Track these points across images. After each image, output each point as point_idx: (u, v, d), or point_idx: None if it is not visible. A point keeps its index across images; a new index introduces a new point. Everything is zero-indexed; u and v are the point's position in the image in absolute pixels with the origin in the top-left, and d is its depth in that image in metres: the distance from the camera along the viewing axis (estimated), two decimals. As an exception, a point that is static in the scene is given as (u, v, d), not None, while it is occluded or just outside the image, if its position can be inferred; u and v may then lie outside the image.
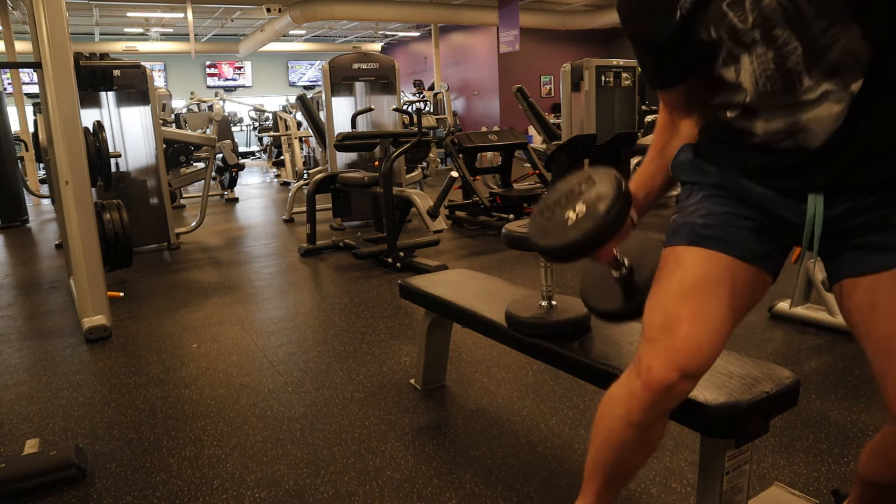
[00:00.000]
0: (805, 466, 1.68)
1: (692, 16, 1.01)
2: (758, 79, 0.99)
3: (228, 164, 7.38)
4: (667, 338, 1.04)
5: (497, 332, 1.71)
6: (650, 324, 1.09)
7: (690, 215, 1.12)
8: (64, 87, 2.81)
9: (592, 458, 1.19)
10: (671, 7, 1.01)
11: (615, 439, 1.13)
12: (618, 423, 1.11)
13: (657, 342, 1.05)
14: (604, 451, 1.16)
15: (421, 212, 4.08)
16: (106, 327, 2.94)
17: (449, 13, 12.12)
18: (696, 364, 1.02)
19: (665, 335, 1.04)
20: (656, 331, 1.06)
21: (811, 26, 0.92)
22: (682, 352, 1.02)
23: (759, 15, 0.94)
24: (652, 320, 1.09)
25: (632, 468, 1.19)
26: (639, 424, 1.08)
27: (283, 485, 1.71)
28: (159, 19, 12.97)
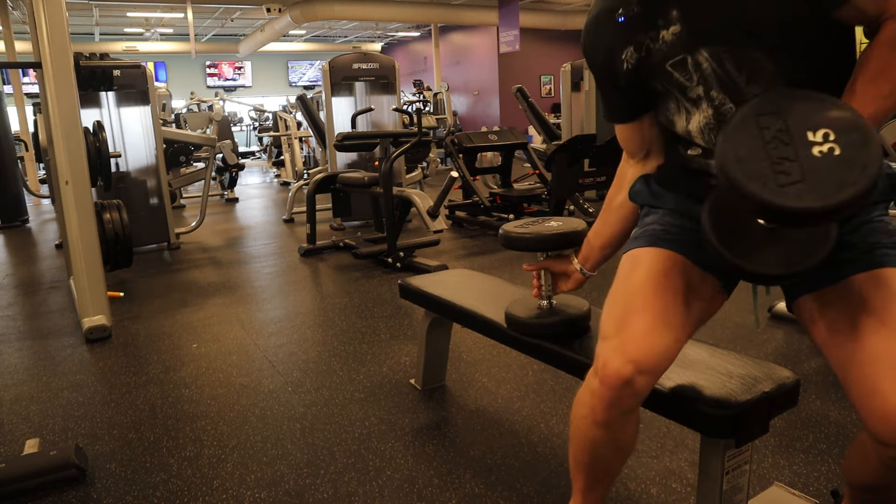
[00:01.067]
0: (805, 466, 1.68)
1: (638, 70, 1.10)
2: (702, 130, 1.08)
3: (228, 164, 7.38)
4: (620, 332, 1.06)
5: (497, 332, 1.71)
6: (605, 320, 1.12)
7: (650, 225, 1.20)
8: (64, 87, 2.81)
9: (572, 459, 1.22)
10: (619, 59, 1.11)
11: (586, 439, 1.14)
12: (585, 423, 1.12)
13: (611, 338, 1.07)
14: (579, 452, 1.18)
15: (421, 212, 4.08)
16: (106, 327, 2.94)
17: (449, 13, 12.12)
18: (649, 357, 1.03)
19: (619, 330, 1.07)
20: (611, 326, 1.09)
21: (743, 93, 1.01)
22: (635, 344, 1.04)
23: (700, 76, 1.04)
24: (607, 317, 1.12)
25: (611, 467, 1.20)
26: (604, 423, 1.09)
27: (283, 485, 1.71)
28: (159, 19, 12.97)
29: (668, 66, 1.05)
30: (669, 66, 1.05)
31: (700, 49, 1.02)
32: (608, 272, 1.25)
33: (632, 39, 1.08)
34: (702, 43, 1.01)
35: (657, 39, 1.05)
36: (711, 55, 1.01)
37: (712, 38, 1.00)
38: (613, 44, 1.11)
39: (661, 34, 1.04)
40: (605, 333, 1.10)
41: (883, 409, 0.92)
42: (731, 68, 1.01)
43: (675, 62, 1.05)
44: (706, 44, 1.01)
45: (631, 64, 1.10)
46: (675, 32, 1.02)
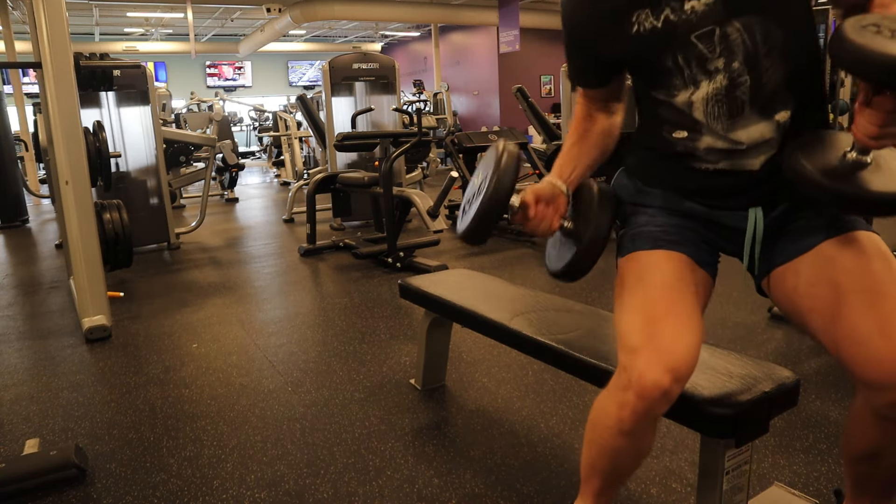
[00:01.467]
0: (805, 466, 1.68)
1: (649, 37, 1.07)
2: (709, 101, 1.08)
3: (228, 164, 7.38)
4: (652, 341, 1.04)
5: (497, 332, 1.71)
6: (630, 330, 1.08)
7: (645, 226, 1.19)
8: (64, 87, 2.81)
9: (588, 464, 1.19)
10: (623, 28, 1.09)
11: (609, 448, 1.12)
12: (609, 433, 1.10)
13: (643, 348, 1.04)
14: (598, 459, 1.16)
15: (421, 212, 4.08)
16: (106, 327, 2.94)
17: (449, 13, 12.12)
18: (686, 364, 1.03)
19: (651, 339, 1.04)
20: (639, 337, 1.06)
21: (762, 64, 1.04)
22: (673, 353, 1.02)
23: (725, 48, 1.04)
24: (631, 327, 1.08)
25: (628, 470, 1.20)
26: (631, 432, 1.07)
27: (283, 485, 1.71)
28: (159, 19, 12.97)
29: (694, 37, 1.04)
30: (695, 37, 1.04)
31: (733, 20, 1.02)
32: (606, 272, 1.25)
33: (650, 3, 1.06)
34: (736, 14, 1.02)
35: (680, 10, 1.04)
36: (744, 26, 1.02)
37: (748, 9, 1.02)
38: (619, 4, 1.08)
39: (686, 4, 1.03)
40: (632, 344, 1.06)
41: (870, 353, 0.97)
42: (759, 39, 1.03)
43: (701, 33, 1.04)
44: (741, 14, 1.02)
45: (645, 28, 1.07)
46: (708, 3, 1.02)
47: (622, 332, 1.09)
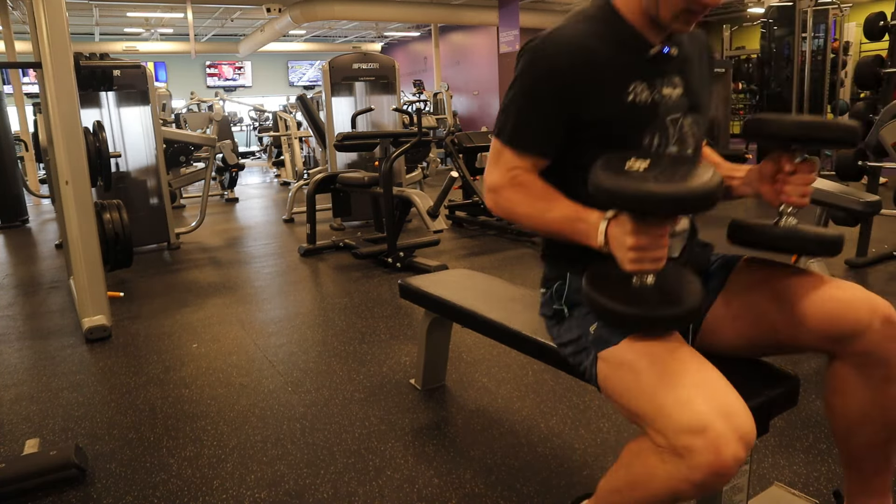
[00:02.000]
0: (805, 466, 1.68)
1: (637, 109, 1.16)
2: None
3: (228, 164, 7.38)
4: (722, 411, 0.95)
5: (497, 332, 1.71)
6: (684, 404, 0.96)
7: (602, 327, 1.17)
8: (64, 87, 2.81)
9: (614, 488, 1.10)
10: (620, 93, 1.15)
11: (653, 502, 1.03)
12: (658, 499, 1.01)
13: (713, 422, 0.93)
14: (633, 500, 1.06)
15: (421, 212, 4.08)
16: (106, 327, 2.94)
17: (449, 13, 12.11)
18: (752, 427, 0.96)
19: (718, 410, 0.95)
20: (703, 408, 0.95)
21: (698, 154, 1.29)
22: (741, 418, 0.95)
23: (680, 137, 1.22)
24: (687, 405, 0.96)
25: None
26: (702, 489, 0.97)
27: (283, 485, 1.71)
28: (159, 19, 12.97)
29: (669, 119, 1.19)
30: (669, 120, 1.20)
31: (690, 113, 1.22)
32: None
33: (648, 77, 1.17)
34: (692, 109, 1.22)
35: (661, 94, 1.18)
36: (695, 120, 1.24)
37: (697, 107, 1.24)
38: (624, 71, 1.15)
39: (665, 90, 1.18)
40: (696, 420, 0.94)
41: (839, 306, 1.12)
42: (699, 134, 1.26)
43: (672, 119, 1.20)
44: (695, 110, 1.23)
45: (640, 99, 1.16)
46: (679, 95, 1.20)
47: (672, 410, 0.97)
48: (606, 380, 1.14)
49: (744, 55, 10.68)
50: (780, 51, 7.25)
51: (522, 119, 1.18)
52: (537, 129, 1.18)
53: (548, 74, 1.14)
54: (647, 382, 1.02)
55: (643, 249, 0.98)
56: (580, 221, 1.10)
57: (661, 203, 0.94)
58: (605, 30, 1.17)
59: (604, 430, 1.91)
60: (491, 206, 1.24)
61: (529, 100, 1.16)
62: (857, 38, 10.20)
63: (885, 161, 3.94)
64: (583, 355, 1.23)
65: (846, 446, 1.23)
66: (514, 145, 1.19)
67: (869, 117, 4.78)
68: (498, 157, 1.22)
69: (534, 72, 1.16)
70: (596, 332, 1.17)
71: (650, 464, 1.00)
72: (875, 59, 5.37)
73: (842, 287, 1.16)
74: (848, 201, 2.23)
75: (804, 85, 7.19)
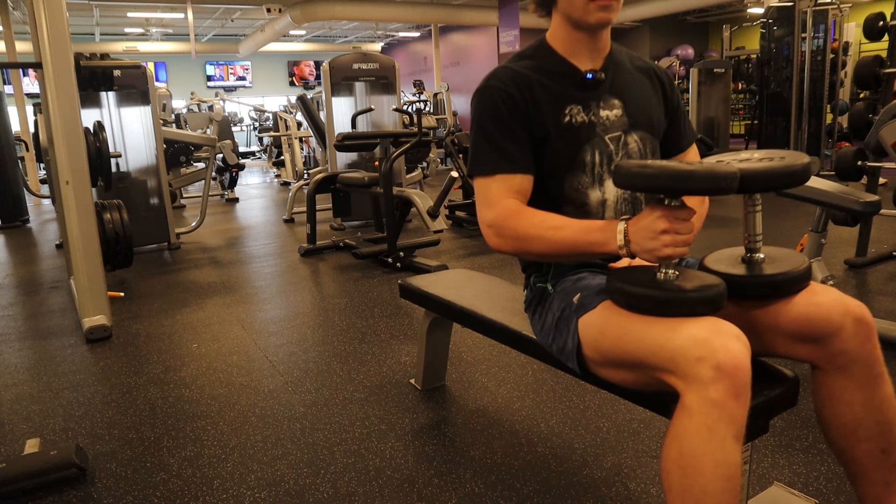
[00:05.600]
0: (805, 466, 1.68)
1: (576, 129, 1.28)
2: (619, 201, 1.32)
3: (229, 164, 7.38)
4: (718, 330, 0.99)
5: (497, 332, 1.71)
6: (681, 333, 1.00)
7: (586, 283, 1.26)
8: (64, 88, 2.81)
9: None
10: (558, 115, 1.27)
11: (731, 475, 0.96)
12: (724, 452, 0.95)
13: (711, 337, 0.97)
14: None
15: (421, 212, 4.08)
16: (106, 327, 2.94)
17: (449, 13, 12.12)
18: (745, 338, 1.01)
19: (714, 330, 0.99)
20: (702, 330, 0.99)
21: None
22: (735, 330, 1.01)
23: (626, 153, 1.32)
24: (680, 330, 1.00)
25: None
26: (742, 428, 0.97)
27: (283, 484, 1.71)
28: (159, 19, 12.97)
29: (607, 137, 1.30)
30: (608, 138, 1.30)
31: (632, 132, 1.33)
32: (608, 272, 1.24)
33: (582, 100, 1.29)
34: (634, 128, 1.33)
35: (598, 115, 1.30)
36: (640, 138, 1.34)
37: (641, 126, 1.34)
38: (559, 96, 1.28)
39: (602, 112, 1.31)
40: (694, 340, 0.97)
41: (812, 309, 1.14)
42: (648, 150, 1.35)
43: (611, 137, 1.31)
44: (637, 129, 1.33)
45: (576, 120, 1.28)
46: (618, 115, 1.32)
47: (669, 338, 1.01)
48: (594, 340, 1.18)
49: (744, 55, 10.68)
50: (780, 51, 7.25)
51: (495, 145, 1.26)
52: (512, 147, 1.26)
53: (501, 99, 1.26)
54: (637, 325, 1.08)
55: (676, 232, 1.03)
56: (594, 232, 1.14)
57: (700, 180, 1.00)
58: (541, 63, 1.31)
59: (604, 430, 1.91)
60: (495, 243, 1.25)
61: (494, 125, 1.26)
62: (856, 38, 10.21)
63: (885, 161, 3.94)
64: (565, 333, 1.25)
65: (848, 463, 1.21)
66: (499, 170, 1.25)
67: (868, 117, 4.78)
68: (486, 193, 1.26)
69: (489, 102, 1.27)
70: (578, 301, 1.23)
71: (681, 435, 0.98)
72: (874, 59, 5.37)
73: (815, 291, 1.17)
74: (847, 201, 2.23)
75: (804, 85, 7.19)
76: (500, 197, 1.24)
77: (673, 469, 1.00)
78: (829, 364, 1.16)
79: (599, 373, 1.24)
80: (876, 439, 1.16)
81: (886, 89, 5.44)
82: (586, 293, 1.23)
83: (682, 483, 0.98)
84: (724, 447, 0.95)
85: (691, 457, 0.97)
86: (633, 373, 1.15)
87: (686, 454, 0.97)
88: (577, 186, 1.30)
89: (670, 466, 1.01)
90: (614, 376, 1.21)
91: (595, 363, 1.22)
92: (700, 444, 0.96)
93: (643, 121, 1.35)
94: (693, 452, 0.96)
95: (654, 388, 1.14)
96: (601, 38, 1.31)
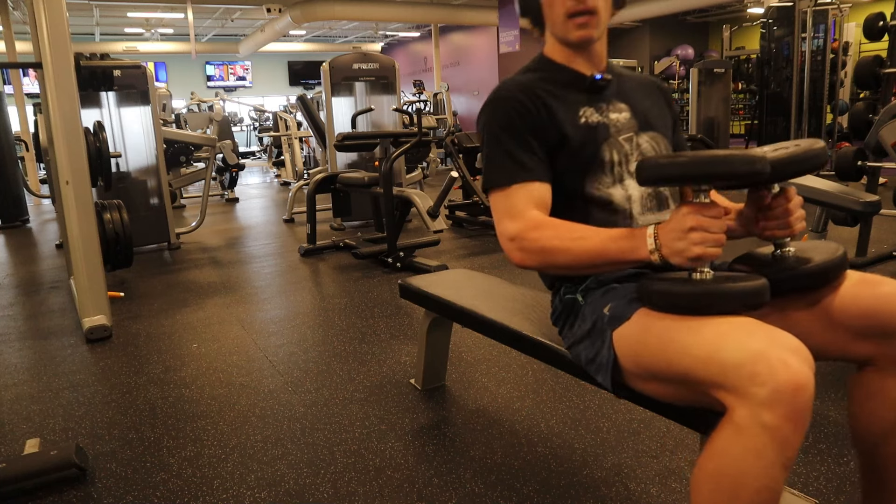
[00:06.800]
0: (805, 466, 1.68)
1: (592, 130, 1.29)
2: (644, 196, 1.29)
3: (229, 164, 7.39)
4: (774, 341, 0.91)
5: (497, 331, 1.71)
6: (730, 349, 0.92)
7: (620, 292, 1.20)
8: (64, 88, 2.81)
9: None
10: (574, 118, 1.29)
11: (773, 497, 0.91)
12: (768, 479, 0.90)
13: (765, 349, 0.89)
14: None
15: (421, 212, 4.08)
16: (106, 327, 2.94)
17: (449, 13, 12.12)
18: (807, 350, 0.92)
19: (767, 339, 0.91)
20: (757, 341, 0.91)
21: None
22: (794, 342, 0.91)
23: (640, 153, 1.31)
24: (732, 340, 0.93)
25: None
26: (793, 457, 0.90)
27: (284, 484, 1.71)
28: (159, 19, 12.98)
29: (621, 138, 1.31)
30: (622, 138, 1.31)
31: (643, 133, 1.34)
32: (608, 272, 1.23)
33: (593, 103, 1.32)
34: (644, 129, 1.34)
35: (609, 117, 1.31)
36: (651, 138, 1.35)
37: (650, 127, 1.35)
38: (571, 101, 1.30)
39: (612, 115, 1.32)
40: (748, 355, 0.89)
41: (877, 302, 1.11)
42: (662, 148, 1.35)
43: (625, 137, 1.31)
44: (647, 130, 1.34)
45: (591, 121, 1.30)
46: (627, 118, 1.33)
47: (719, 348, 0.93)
48: (633, 353, 1.10)
49: (744, 55, 10.69)
50: (780, 51, 7.26)
51: (511, 155, 1.24)
52: (528, 157, 1.25)
53: (513, 109, 1.27)
54: (681, 335, 0.99)
55: (705, 229, 0.97)
56: (622, 239, 1.09)
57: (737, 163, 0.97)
58: (546, 75, 1.34)
59: (604, 430, 1.91)
60: (518, 257, 1.20)
61: (508, 136, 1.25)
62: (856, 39, 10.21)
63: (885, 161, 3.94)
64: (598, 345, 1.18)
65: (871, 458, 1.17)
66: (518, 179, 1.23)
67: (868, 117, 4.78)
68: (507, 205, 1.23)
69: (501, 113, 1.28)
70: (611, 312, 1.16)
71: (723, 452, 0.91)
72: (874, 59, 5.37)
73: (878, 282, 1.11)
74: (847, 201, 2.23)
75: (804, 85, 7.20)
76: (523, 208, 1.21)
77: (706, 484, 0.94)
78: (888, 360, 1.09)
79: (638, 386, 1.15)
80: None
81: (886, 89, 5.44)
82: (617, 303, 1.17)
83: (714, 500, 0.92)
84: (769, 474, 0.88)
85: (730, 476, 0.90)
86: (677, 387, 1.06)
87: (725, 473, 0.91)
88: (600, 186, 1.27)
89: (704, 480, 0.94)
90: (655, 390, 1.12)
91: (634, 377, 1.14)
92: (744, 466, 0.89)
93: (652, 123, 1.36)
94: (733, 473, 0.90)
95: (697, 403, 1.05)
96: (595, 53, 1.33)
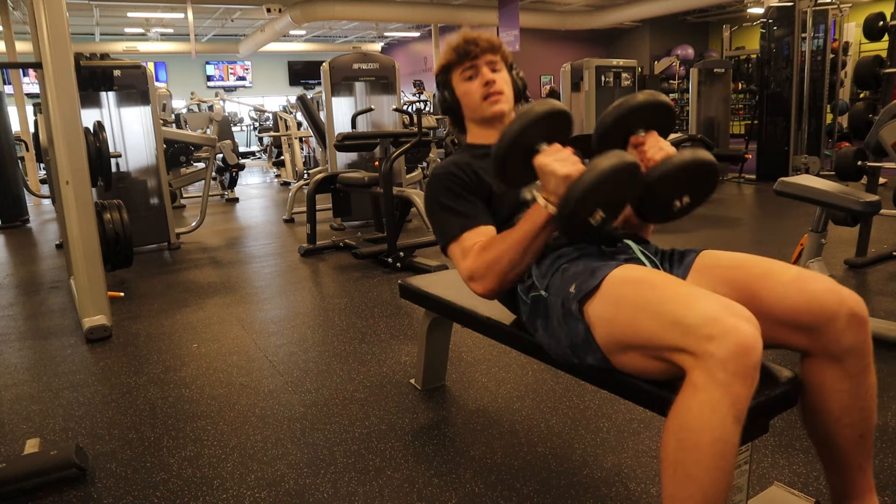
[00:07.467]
0: (805, 466, 1.68)
1: None
2: None
3: (229, 164, 7.39)
4: (729, 310, 1.01)
5: (497, 332, 1.71)
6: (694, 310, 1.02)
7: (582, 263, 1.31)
8: (64, 88, 2.81)
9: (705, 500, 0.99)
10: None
11: (727, 454, 0.98)
12: (722, 429, 0.97)
13: (719, 314, 0.99)
14: (714, 484, 0.98)
15: (421, 212, 4.08)
16: (106, 327, 2.94)
17: (449, 13, 12.12)
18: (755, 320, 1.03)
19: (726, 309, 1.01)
20: (714, 308, 1.01)
21: None
22: (745, 311, 1.02)
23: None
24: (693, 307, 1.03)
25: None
26: (744, 410, 0.98)
27: (284, 485, 1.71)
28: (159, 19, 12.98)
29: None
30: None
31: None
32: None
33: None
34: None
35: None
36: None
37: None
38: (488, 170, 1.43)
39: None
40: (703, 316, 0.99)
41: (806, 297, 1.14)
42: None
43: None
44: None
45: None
46: None
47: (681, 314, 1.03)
48: (606, 323, 1.18)
49: (743, 55, 10.69)
50: (780, 51, 7.25)
51: (455, 212, 1.47)
52: (468, 208, 1.48)
53: (449, 179, 1.50)
54: (652, 302, 1.10)
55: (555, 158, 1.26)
56: (527, 216, 1.33)
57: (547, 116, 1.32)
58: (471, 153, 1.59)
59: (604, 429, 1.91)
60: (479, 287, 1.41)
61: (450, 198, 1.49)
62: (856, 39, 10.21)
63: (885, 161, 3.94)
64: (574, 324, 1.25)
65: (827, 448, 1.24)
66: (467, 227, 1.45)
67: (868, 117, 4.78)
68: (460, 250, 1.45)
69: (438, 184, 1.52)
70: (576, 288, 1.24)
71: (684, 410, 1.00)
72: (874, 59, 5.37)
73: (808, 279, 1.17)
74: (847, 201, 2.23)
75: (804, 85, 7.19)
76: (469, 246, 1.43)
77: (670, 441, 1.03)
78: (822, 353, 1.17)
79: (615, 361, 1.21)
80: (857, 425, 1.19)
81: (886, 89, 5.44)
82: (579, 280, 1.24)
83: (677, 455, 1.01)
84: (723, 425, 0.97)
85: (690, 430, 0.99)
86: (643, 355, 1.14)
87: (685, 428, 1.00)
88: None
89: (668, 438, 1.03)
90: (631, 363, 1.18)
91: (610, 352, 1.20)
92: (700, 419, 0.98)
93: None
94: (692, 427, 0.99)
95: (667, 374, 1.12)
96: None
